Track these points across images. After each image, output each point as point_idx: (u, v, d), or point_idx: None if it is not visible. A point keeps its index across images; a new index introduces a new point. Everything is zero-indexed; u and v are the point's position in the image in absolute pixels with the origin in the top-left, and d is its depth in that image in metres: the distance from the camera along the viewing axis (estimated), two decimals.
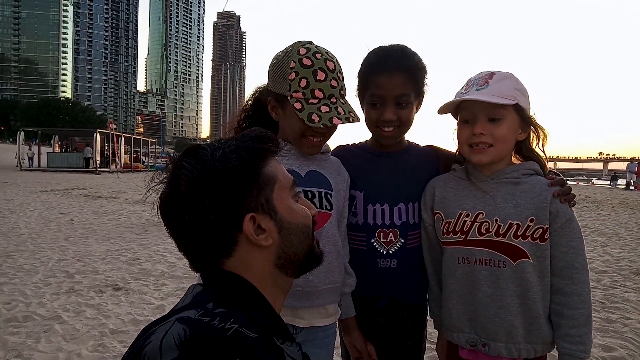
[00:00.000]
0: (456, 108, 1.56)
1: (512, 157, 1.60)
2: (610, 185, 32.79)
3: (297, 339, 1.50)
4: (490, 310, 1.50)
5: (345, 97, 1.54)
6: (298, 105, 1.45)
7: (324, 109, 1.44)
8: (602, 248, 8.42)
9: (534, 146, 1.58)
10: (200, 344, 0.71)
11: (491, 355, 1.51)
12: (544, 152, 1.58)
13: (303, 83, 1.44)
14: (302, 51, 1.47)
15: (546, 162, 1.59)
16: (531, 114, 1.55)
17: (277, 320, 0.92)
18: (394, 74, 1.61)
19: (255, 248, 0.91)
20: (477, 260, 1.52)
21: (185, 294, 0.91)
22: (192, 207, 0.86)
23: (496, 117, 1.47)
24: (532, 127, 1.55)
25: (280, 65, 1.50)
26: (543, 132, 1.56)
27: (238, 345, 0.74)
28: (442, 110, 1.57)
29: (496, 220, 1.49)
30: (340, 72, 1.51)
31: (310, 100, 1.45)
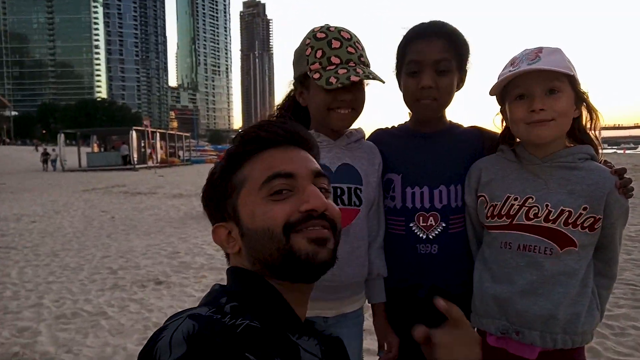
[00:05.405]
0: (503, 88, 1.45)
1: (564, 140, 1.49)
2: None
3: (327, 322, 1.53)
4: (529, 298, 1.43)
5: (368, 67, 1.50)
6: (316, 75, 1.44)
7: (342, 71, 1.42)
8: None
9: (587, 128, 1.48)
10: (209, 339, 0.71)
11: (524, 343, 1.44)
12: (596, 135, 1.48)
13: (319, 54, 1.45)
14: (317, 29, 1.51)
15: (599, 147, 1.49)
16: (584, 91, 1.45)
17: (290, 315, 0.89)
18: (432, 39, 1.55)
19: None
20: (520, 245, 1.45)
21: (208, 292, 0.91)
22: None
23: (555, 89, 1.37)
24: (584, 105, 1.45)
25: (298, 50, 1.54)
26: (596, 113, 1.46)
27: (248, 340, 0.73)
28: (494, 90, 1.47)
29: (547, 205, 1.41)
30: (359, 42, 1.50)
31: (328, 67, 1.44)
